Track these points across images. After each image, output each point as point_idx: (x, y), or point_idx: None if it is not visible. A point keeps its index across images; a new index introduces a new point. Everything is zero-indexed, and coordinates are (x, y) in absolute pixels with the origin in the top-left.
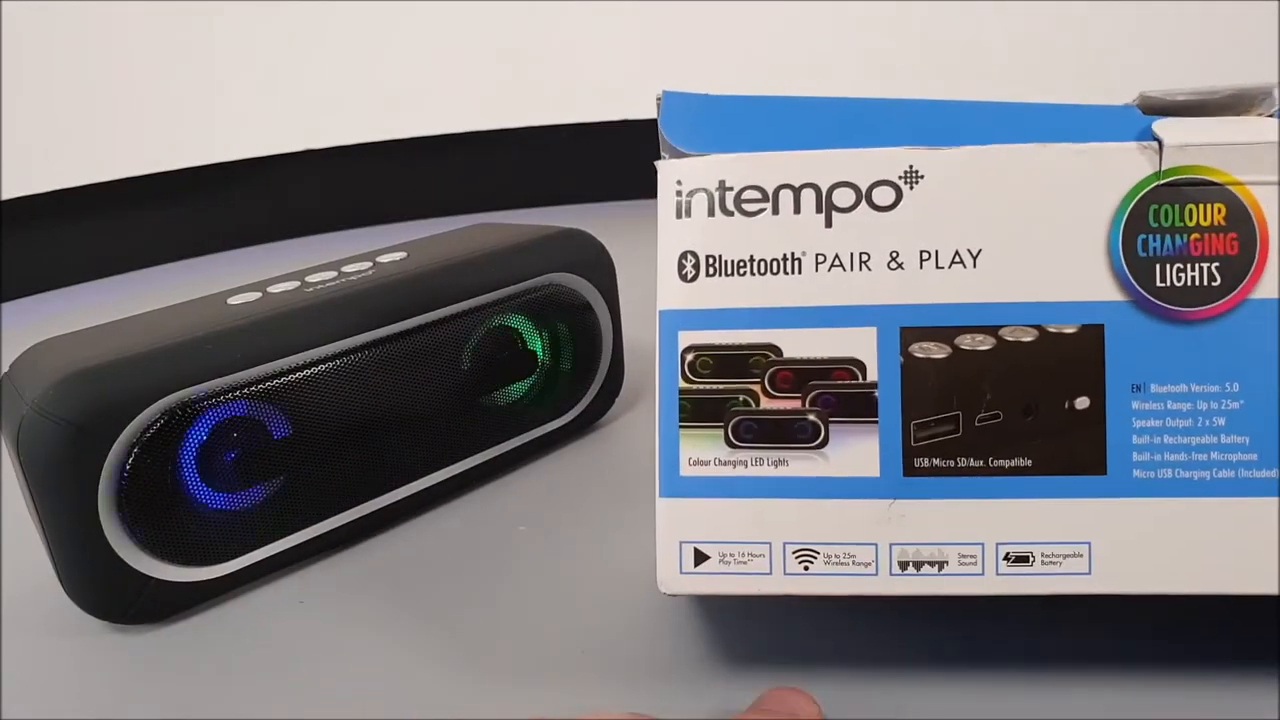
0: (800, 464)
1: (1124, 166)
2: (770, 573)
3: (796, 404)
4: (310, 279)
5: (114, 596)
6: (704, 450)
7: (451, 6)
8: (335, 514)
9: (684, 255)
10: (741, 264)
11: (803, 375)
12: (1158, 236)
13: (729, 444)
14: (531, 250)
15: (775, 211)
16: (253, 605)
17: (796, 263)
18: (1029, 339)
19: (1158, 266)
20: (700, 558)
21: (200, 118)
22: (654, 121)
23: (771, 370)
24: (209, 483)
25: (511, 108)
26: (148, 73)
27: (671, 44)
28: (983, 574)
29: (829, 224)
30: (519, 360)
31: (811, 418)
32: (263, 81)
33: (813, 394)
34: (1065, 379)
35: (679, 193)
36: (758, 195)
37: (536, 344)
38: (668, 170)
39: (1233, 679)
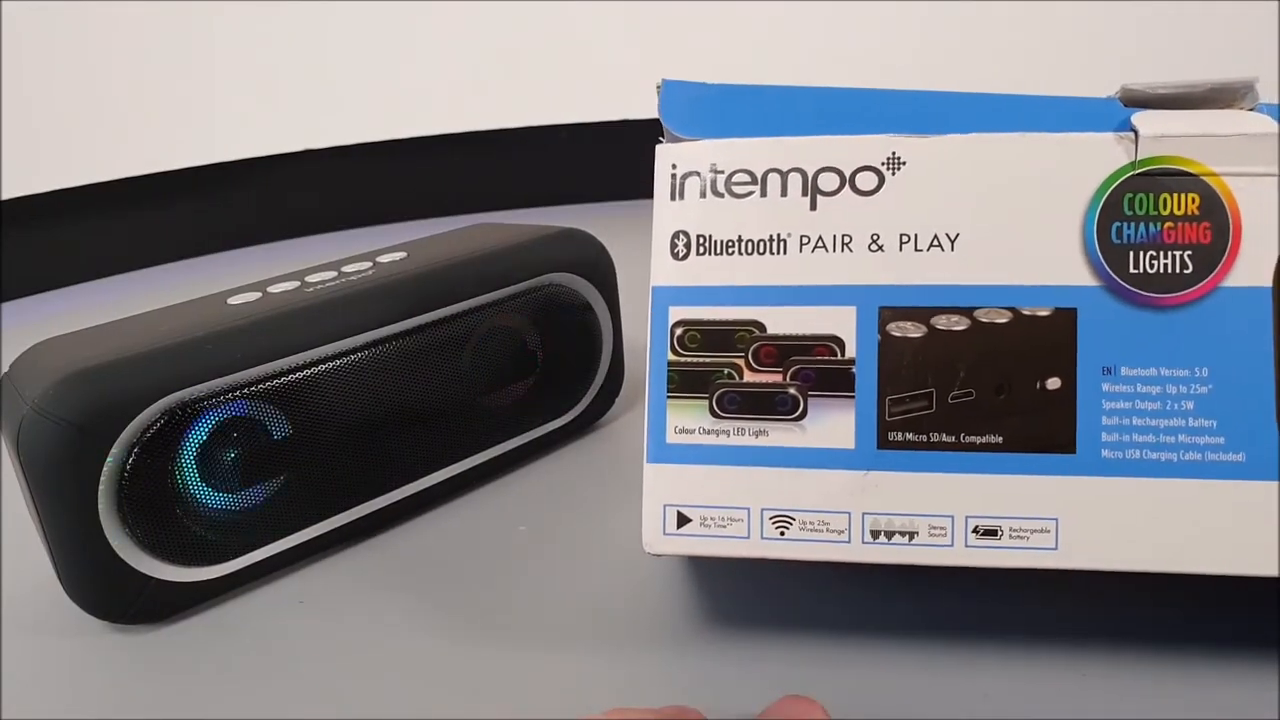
0: (780, 434)
1: (1101, 156)
2: (748, 536)
3: (778, 378)
4: (310, 279)
5: (114, 596)
6: (689, 419)
7: (451, 6)
8: (335, 514)
9: (676, 234)
10: (730, 244)
11: (784, 350)
12: (1132, 224)
13: (713, 414)
14: (531, 250)
15: (763, 194)
16: (253, 605)
17: (782, 243)
18: (1003, 320)
19: (1131, 253)
20: (683, 520)
21: (200, 118)
22: (654, 121)
23: (755, 345)
24: (209, 483)
25: (511, 108)
26: (148, 73)
27: (671, 44)
28: (952, 545)
29: (814, 207)
30: (519, 360)
31: (791, 391)
32: (263, 82)
33: (793, 369)
34: (1037, 360)
35: (674, 175)
36: (747, 178)
37: (536, 344)
38: (664, 154)
39: (1231, 664)
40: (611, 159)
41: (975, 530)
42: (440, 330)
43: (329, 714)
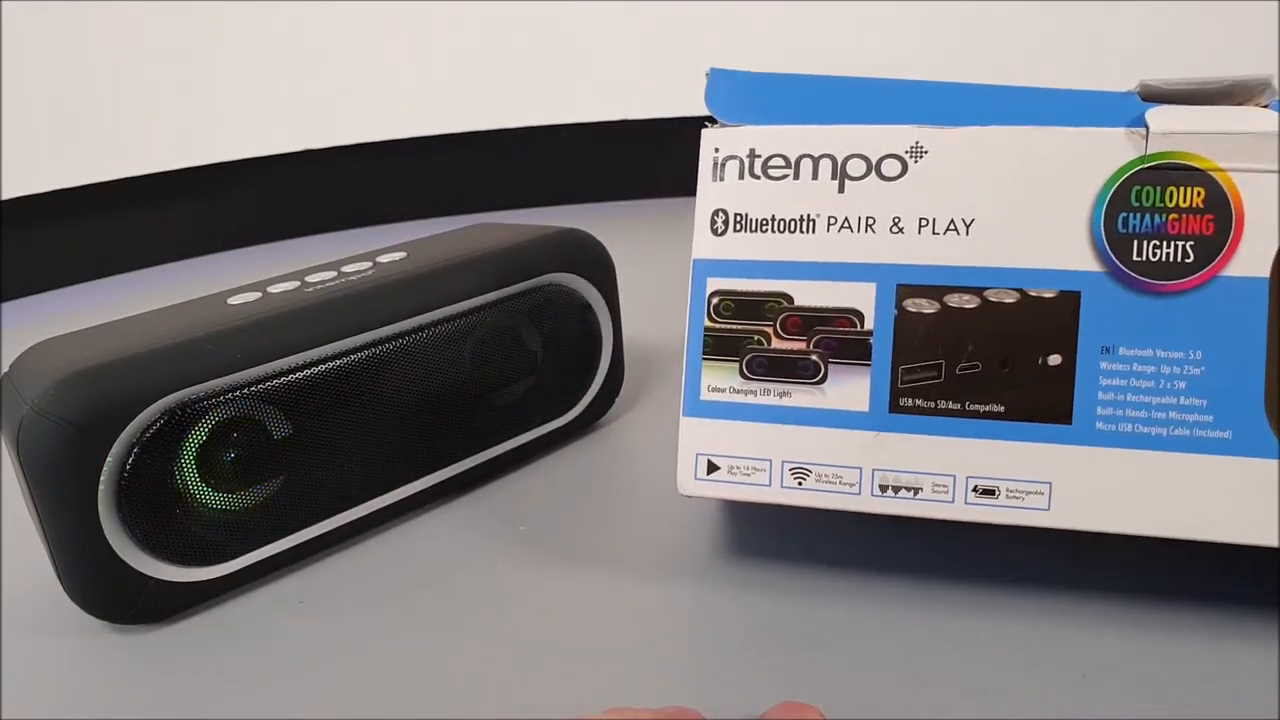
0: (801, 396)
1: (1112, 150)
2: (769, 485)
3: (802, 345)
4: (310, 279)
5: (114, 596)
6: (722, 380)
7: (452, 6)
8: (335, 514)
9: (716, 212)
10: (764, 222)
11: (809, 321)
12: (1138, 215)
13: (742, 376)
14: (531, 250)
15: (796, 177)
16: (253, 605)
17: (811, 223)
18: (1011, 300)
19: (1135, 242)
20: (712, 468)
21: (200, 118)
22: (653, 122)
23: (783, 315)
24: (209, 483)
25: (511, 108)
26: (148, 73)
27: (672, 44)
28: (953, 502)
29: (841, 190)
30: (519, 360)
31: (814, 358)
32: (263, 81)
33: (816, 338)
34: (1041, 337)
35: (716, 158)
36: (782, 162)
37: (536, 344)
38: (708, 138)
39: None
40: (612, 159)
41: (975, 489)
42: (440, 330)
43: (329, 714)
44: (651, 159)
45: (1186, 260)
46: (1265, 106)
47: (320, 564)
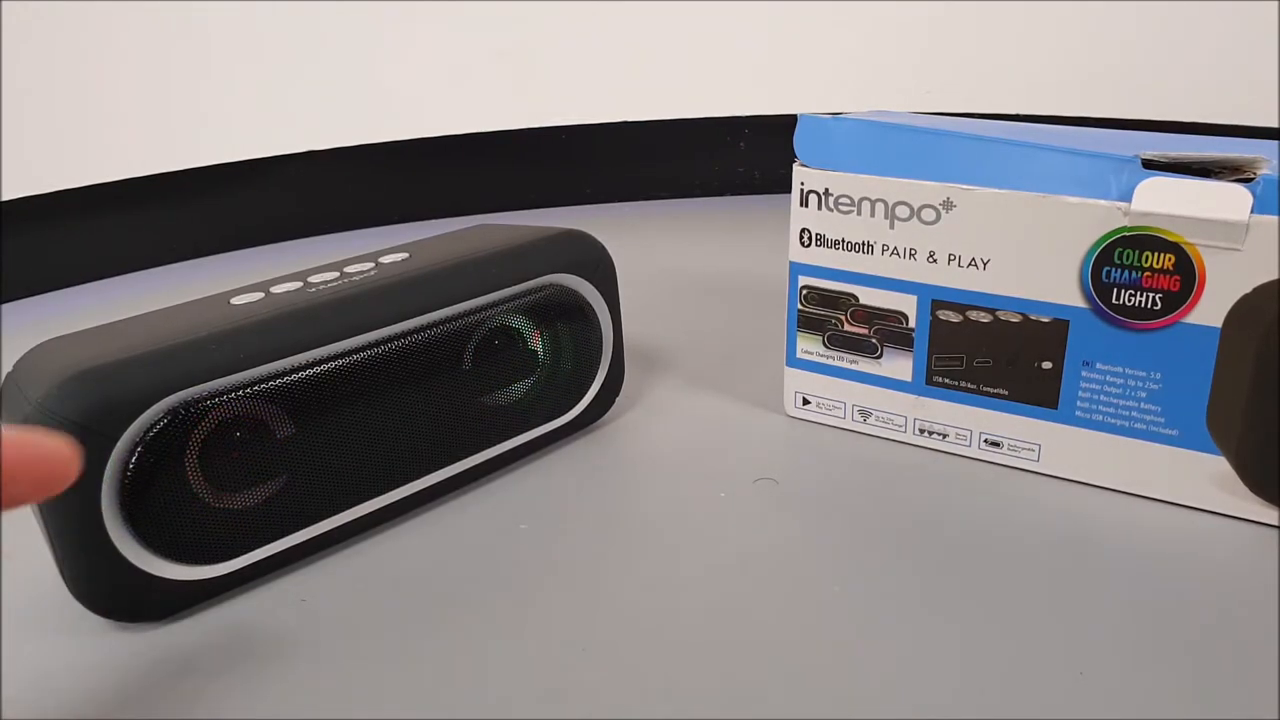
0: (865, 364)
1: (1101, 219)
2: (845, 418)
3: (865, 331)
4: (313, 279)
5: (116, 595)
6: (810, 345)
7: (452, 7)
8: (337, 513)
9: (803, 230)
10: (837, 242)
11: (870, 315)
12: (1119, 270)
13: (825, 345)
14: (533, 251)
15: (859, 214)
16: (255, 604)
17: (870, 247)
18: (1015, 320)
19: (1115, 289)
20: (805, 401)
21: (202, 119)
22: (651, 124)
23: (851, 309)
24: (212, 481)
25: (512, 109)
26: (149, 73)
27: (672, 47)
28: (970, 446)
29: (891, 227)
30: (520, 360)
31: (874, 340)
32: (264, 83)
33: (875, 327)
34: (1037, 348)
35: (802, 190)
36: (849, 201)
37: (537, 344)
38: (797, 173)
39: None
40: (612, 160)
41: (985, 441)
42: (442, 330)
43: (331, 713)
44: (652, 160)
45: (1155, 307)
46: (1254, 177)
47: (322, 562)
